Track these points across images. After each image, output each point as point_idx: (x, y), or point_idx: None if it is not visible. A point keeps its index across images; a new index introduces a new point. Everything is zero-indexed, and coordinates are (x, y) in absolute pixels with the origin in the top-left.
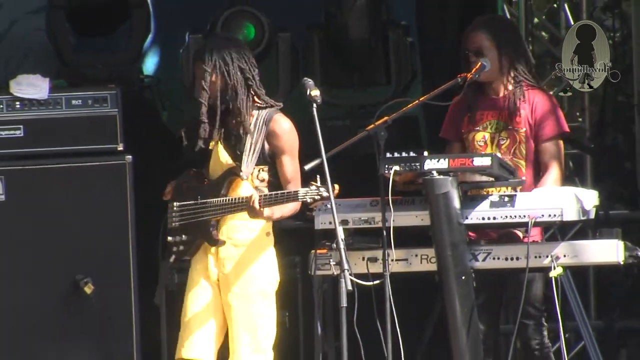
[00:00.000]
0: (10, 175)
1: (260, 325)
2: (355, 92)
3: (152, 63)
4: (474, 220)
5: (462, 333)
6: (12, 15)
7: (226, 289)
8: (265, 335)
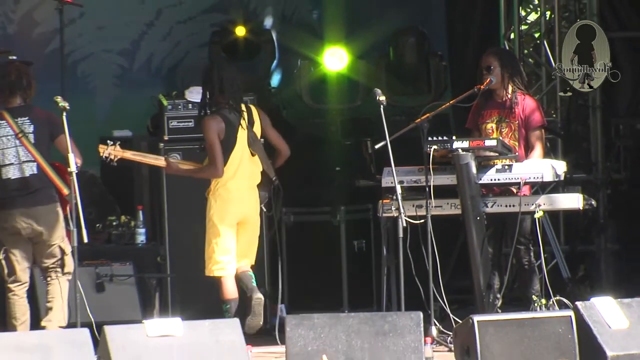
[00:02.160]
0: (185, 151)
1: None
2: (408, 98)
3: (276, 79)
4: (485, 181)
5: (477, 254)
6: (186, 49)
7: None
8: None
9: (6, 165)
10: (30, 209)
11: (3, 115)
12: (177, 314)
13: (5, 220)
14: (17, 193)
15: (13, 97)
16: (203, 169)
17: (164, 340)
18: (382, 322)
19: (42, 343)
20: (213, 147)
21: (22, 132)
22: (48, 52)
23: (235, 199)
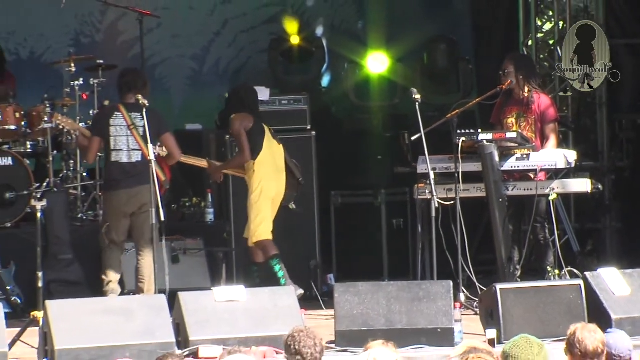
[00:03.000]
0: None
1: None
2: (440, 96)
3: (326, 80)
4: (506, 168)
5: (500, 231)
6: (249, 54)
7: None
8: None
9: (117, 150)
10: (133, 189)
11: (119, 108)
12: (240, 282)
13: (111, 199)
14: (122, 176)
15: (129, 95)
16: (234, 158)
17: (230, 305)
18: (417, 290)
19: (125, 307)
20: (239, 136)
21: (134, 124)
22: (130, 57)
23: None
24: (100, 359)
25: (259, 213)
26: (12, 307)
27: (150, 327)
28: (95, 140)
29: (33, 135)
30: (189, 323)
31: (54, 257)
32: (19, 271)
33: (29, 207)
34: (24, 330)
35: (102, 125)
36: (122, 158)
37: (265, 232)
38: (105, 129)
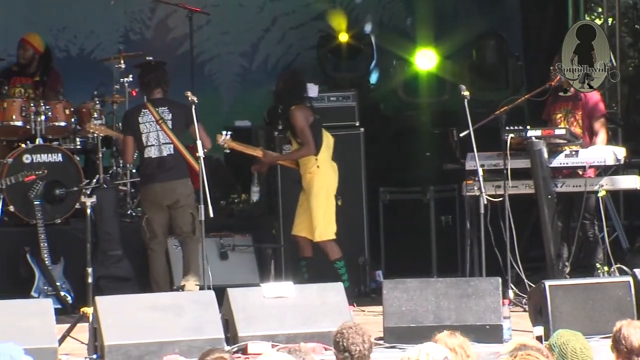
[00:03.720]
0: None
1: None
2: (488, 93)
3: (375, 77)
4: (555, 164)
5: (548, 228)
6: (297, 51)
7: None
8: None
9: (149, 146)
10: (167, 182)
11: (146, 106)
12: (289, 278)
13: (147, 193)
14: (157, 170)
15: (154, 90)
16: (297, 151)
17: (278, 301)
18: (466, 286)
19: (174, 303)
20: (305, 130)
21: (162, 118)
22: (179, 54)
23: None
24: (149, 354)
25: (326, 212)
26: (62, 303)
27: (199, 323)
28: (128, 140)
29: (83, 131)
30: (237, 319)
31: (103, 253)
32: (69, 267)
33: (79, 204)
34: (74, 326)
35: (132, 124)
36: (154, 153)
37: (331, 232)
38: (135, 127)
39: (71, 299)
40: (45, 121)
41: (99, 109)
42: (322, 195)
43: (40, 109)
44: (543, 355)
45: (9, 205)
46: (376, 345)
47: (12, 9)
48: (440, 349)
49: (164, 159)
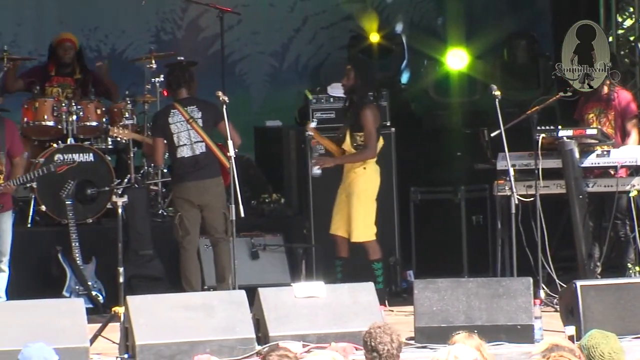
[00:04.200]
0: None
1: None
2: (519, 92)
3: (406, 77)
4: (587, 164)
5: (580, 228)
6: (328, 51)
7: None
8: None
9: (181, 146)
10: (200, 181)
11: (175, 106)
12: (320, 278)
13: (180, 192)
14: (190, 169)
15: (180, 90)
16: (360, 153)
17: (309, 301)
18: (497, 286)
19: (205, 303)
20: (373, 133)
21: (192, 117)
22: (210, 53)
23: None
24: (181, 354)
25: (368, 213)
26: (94, 302)
27: (230, 322)
28: (158, 142)
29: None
30: (268, 319)
31: (134, 252)
32: (100, 267)
33: (110, 203)
34: (105, 325)
35: (162, 125)
36: (187, 152)
37: (371, 233)
38: (166, 128)
39: (103, 299)
40: (77, 121)
41: (131, 109)
42: (365, 197)
43: (72, 109)
44: (575, 356)
45: (40, 205)
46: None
47: (43, 9)
48: (469, 351)
49: (196, 158)
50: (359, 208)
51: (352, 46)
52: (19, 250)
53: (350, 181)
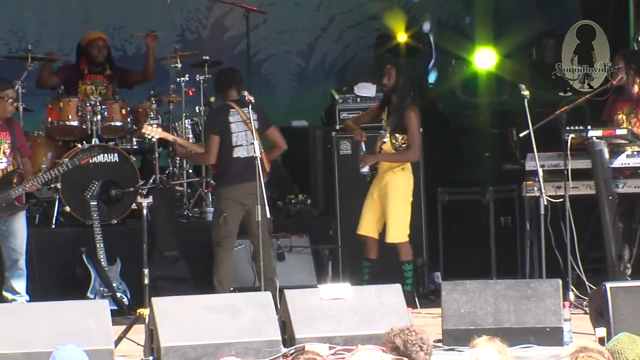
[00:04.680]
0: (353, 139)
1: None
2: (549, 92)
3: (433, 76)
4: (617, 165)
5: (609, 229)
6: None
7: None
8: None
9: (238, 146)
10: (252, 183)
11: (232, 106)
12: (346, 279)
13: (231, 192)
14: (244, 171)
15: (230, 91)
16: (403, 153)
17: (336, 303)
18: (525, 288)
19: (231, 304)
20: (417, 136)
21: (249, 119)
22: (236, 53)
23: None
24: (206, 356)
25: (404, 214)
26: (118, 304)
27: (256, 324)
28: (215, 139)
29: (139, 131)
30: (294, 321)
31: (159, 253)
32: (125, 268)
33: (135, 204)
34: (130, 327)
35: (221, 123)
36: (243, 153)
37: (405, 234)
38: (226, 126)
39: (127, 300)
40: (102, 121)
41: (155, 109)
42: (402, 197)
43: (97, 109)
44: (604, 358)
45: (64, 206)
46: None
47: (67, 8)
48: (491, 354)
49: (251, 160)
50: (396, 208)
51: (379, 45)
52: (43, 251)
53: (387, 181)
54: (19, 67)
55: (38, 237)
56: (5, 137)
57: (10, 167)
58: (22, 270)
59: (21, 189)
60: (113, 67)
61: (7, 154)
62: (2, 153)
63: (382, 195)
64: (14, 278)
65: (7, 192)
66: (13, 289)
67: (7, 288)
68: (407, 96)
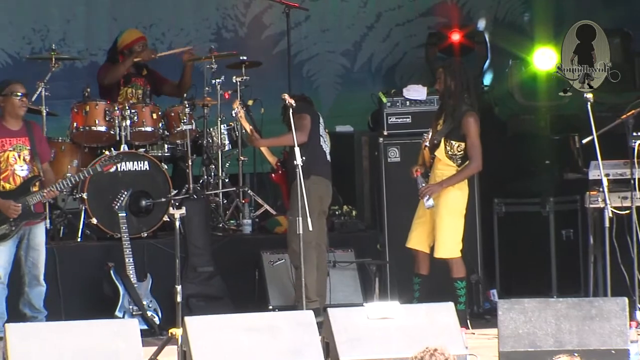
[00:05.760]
0: (402, 146)
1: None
2: (614, 95)
3: (488, 78)
4: None
5: None
6: (404, 50)
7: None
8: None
9: (322, 136)
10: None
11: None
12: (395, 297)
13: (318, 186)
14: (325, 166)
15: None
16: (466, 169)
17: (383, 322)
18: (589, 307)
19: (270, 324)
20: (478, 144)
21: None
22: (275, 53)
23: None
24: None
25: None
26: (149, 323)
27: (297, 345)
28: (308, 118)
29: (171, 137)
30: (338, 342)
31: (193, 269)
32: (156, 284)
33: (167, 216)
34: (162, 348)
35: (312, 109)
36: (325, 147)
37: (458, 249)
38: (315, 112)
39: (158, 320)
40: (131, 126)
41: (189, 113)
42: (455, 210)
43: (126, 113)
44: None
45: (91, 218)
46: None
47: (95, 4)
48: None
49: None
50: (448, 222)
51: (431, 44)
52: (68, 266)
53: (439, 193)
54: (43, 68)
55: (62, 251)
56: (25, 143)
57: (31, 174)
58: (42, 285)
59: (39, 196)
60: (148, 69)
61: (27, 160)
62: (22, 160)
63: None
64: (34, 294)
65: (24, 199)
66: (32, 306)
67: (26, 304)
68: (462, 100)
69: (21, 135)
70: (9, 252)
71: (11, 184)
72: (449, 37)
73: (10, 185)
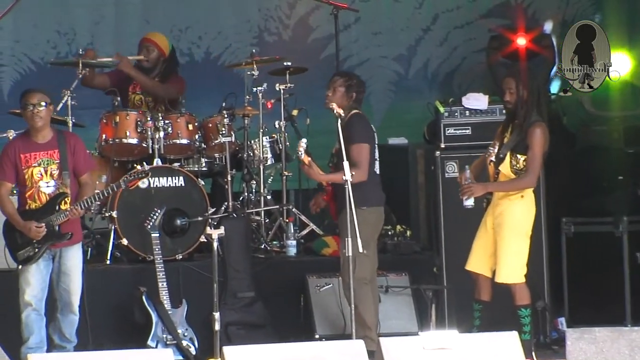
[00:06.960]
0: (461, 159)
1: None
2: None
3: (556, 85)
4: None
5: None
6: (463, 55)
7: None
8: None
9: (376, 160)
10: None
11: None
12: (453, 326)
13: (379, 216)
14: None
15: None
16: (518, 180)
17: (440, 353)
18: None
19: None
20: (538, 157)
21: None
22: (323, 58)
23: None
24: None
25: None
26: (184, 354)
27: None
28: (366, 149)
29: (208, 150)
30: None
31: (232, 294)
32: (192, 311)
33: (204, 236)
34: None
35: (370, 131)
36: (378, 169)
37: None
38: (372, 135)
39: (195, 350)
40: (165, 138)
41: (227, 124)
42: (519, 231)
43: (159, 124)
44: None
45: (121, 238)
46: None
47: (126, 6)
48: None
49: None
50: (510, 243)
51: (492, 48)
52: (97, 291)
53: (503, 210)
54: (69, 74)
55: (91, 274)
56: (53, 157)
57: (58, 191)
58: (75, 315)
59: (63, 215)
60: (168, 79)
61: (54, 176)
62: (49, 175)
63: (495, 225)
64: (65, 323)
65: (48, 218)
66: (62, 335)
67: (56, 331)
68: (533, 110)
69: (49, 148)
70: (40, 276)
71: (37, 202)
72: (513, 41)
73: (35, 203)
